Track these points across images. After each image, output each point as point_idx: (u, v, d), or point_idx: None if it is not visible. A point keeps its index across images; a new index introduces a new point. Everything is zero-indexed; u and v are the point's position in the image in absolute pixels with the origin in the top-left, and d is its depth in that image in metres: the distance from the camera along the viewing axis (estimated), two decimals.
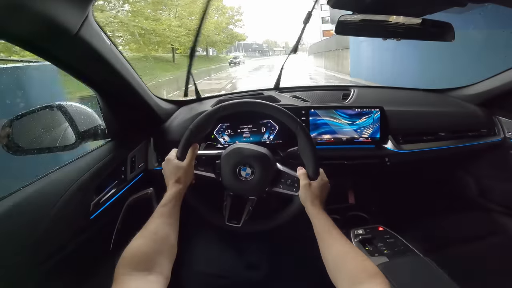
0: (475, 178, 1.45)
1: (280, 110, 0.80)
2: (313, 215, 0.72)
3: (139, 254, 0.54)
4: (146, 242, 0.56)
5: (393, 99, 1.40)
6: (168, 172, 0.76)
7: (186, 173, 0.74)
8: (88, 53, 0.68)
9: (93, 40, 0.66)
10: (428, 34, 0.79)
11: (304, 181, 0.76)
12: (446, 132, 1.25)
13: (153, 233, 0.59)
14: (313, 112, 1.16)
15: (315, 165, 0.79)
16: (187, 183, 0.74)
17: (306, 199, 0.75)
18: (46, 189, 0.74)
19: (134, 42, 14.55)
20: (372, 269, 0.56)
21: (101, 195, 0.90)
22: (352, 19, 0.76)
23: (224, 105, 0.81)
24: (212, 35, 23.07)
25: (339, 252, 0.62)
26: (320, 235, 0.68)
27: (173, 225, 0.64)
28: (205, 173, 0.82)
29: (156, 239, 0.58)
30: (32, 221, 0.66)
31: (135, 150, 1.08)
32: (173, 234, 0.62)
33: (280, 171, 0.83)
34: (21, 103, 1.37)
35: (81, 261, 0.87)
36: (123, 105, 0.98)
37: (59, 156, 0.98)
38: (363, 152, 1.19)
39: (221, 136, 1.15)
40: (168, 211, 0.66)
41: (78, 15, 0.58)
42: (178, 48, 17.70)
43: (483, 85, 1.38)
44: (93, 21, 0.65)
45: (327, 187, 0.78)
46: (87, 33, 0.63)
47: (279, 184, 0.82)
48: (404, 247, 0.99)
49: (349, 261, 0.59)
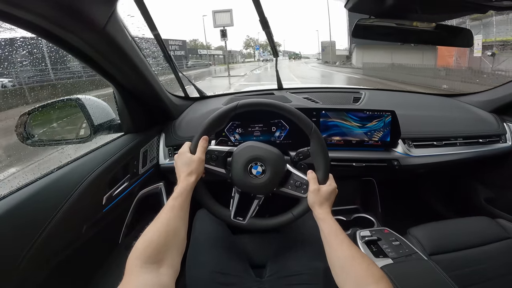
0: (483, 184, 1.44)
1: (295, 112, 0.81)
2: (321, 219, 0.72)
3: (151, 247, 0.54)
4: (158, 235, 0.57)
5: (404, 102, 1.39)
6: (181, 164, 0.75)
7: (198, 166, 0.74)
8: (112, 47, 0.70)
9: (118, 35, 0.68)
10: (445, 40, 0.79)
11: (314, 186, 0.77)
12: (456, 138, 1.24)
13: (165, 226, 0.59)
14: (324, 114, 1.17)
15: (326, 170, 0.79)
16: (198, 176, 0.74)
17: (314, 203, 0.75)
18: (61, 182, 0.75)
19: None
20: (378, 274, 0.57)
21: (113, 188, 0.91)
22: (369, 23, 0.76)
23: (242, 103, 0.81)
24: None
25: (346, 256, 0.62)
26: (327, 238, 0.68)
27: (183, 219, 0.65)
28: (216, 168, 0.83)
29: (168, 232, 0.58)
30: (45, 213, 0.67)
31: (147, 145, 1.09)
32: (183, 227, 0.63)
33: (290, 173, 0.83)
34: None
35: (92, 252, 0.88)
36: (138, 100, 1.00)
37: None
38: (372, 155, 1.19)
39: (232, 134, 1.16)
40: (179, 204, 0.66)
41: (105, 10, 0.59)
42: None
43: (495, 92, 1.37)
44: (118, 17, 0.66)
45: (335, 192, 0.79)
46: (112, 28, 0.64)
47: (288, 185, 0.83)
48: (409, 249, 0.99)
49: (356, 265, 0.59)
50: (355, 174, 1.17)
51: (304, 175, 0.82)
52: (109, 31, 0.64)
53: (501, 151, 1.27)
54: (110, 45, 0.69)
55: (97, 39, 0.65)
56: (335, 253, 0.64)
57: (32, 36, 0.70)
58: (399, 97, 1.51)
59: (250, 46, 76.26)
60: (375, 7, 0.73)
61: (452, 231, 1.09)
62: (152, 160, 1.14)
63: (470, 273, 0.94)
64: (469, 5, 0.64)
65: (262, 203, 0.84)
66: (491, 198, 1.41)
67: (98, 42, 0.67)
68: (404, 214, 1.46)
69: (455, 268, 0.92)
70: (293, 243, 0.95)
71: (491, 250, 1.01)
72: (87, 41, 0.65)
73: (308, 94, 1.37)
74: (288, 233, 1.00)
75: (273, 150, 0.83)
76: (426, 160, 1.21)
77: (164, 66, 1.25)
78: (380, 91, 1.52)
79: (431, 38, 0.77)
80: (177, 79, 1.29)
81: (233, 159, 0.82)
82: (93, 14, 0.57)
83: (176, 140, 1.18)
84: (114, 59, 0.77)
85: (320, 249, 0.93)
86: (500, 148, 1.27)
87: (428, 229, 1.10)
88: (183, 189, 0.69)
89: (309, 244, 0.94)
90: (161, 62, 1.26)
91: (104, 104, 1.01)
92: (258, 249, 1.02)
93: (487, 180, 1.43)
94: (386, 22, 0.76)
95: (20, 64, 2.08)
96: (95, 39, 0.65)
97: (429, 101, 1.47)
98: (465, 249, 1.00)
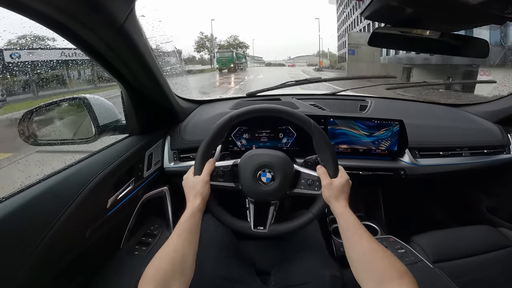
0: (486, 194, 1.45)
1: (291, 112, 0.80)
2: (339, 213, 0.71)
3: (160, 273, 0.56)
4: (166, 262, 0.59)
5: (411, 112, 1.40)
6: (187, 188, 0.76)
7: (203, 188, 0.74)
8: (127, 46, 0.69)
9: (134, 34, 0.66)
10: (462, 51, 0.79)
11: (326, 181, 0.76)
12: (462, 148, 1.25)
13: (172, 252, 0.61)
14: (332, 121, 1.16)
15: (334, 163, 0.78)
16: (205, 197, 0.74)
17: (330, 198, 0.74)
18: (66, 184, 0.73)
19: None
20: (401, 268, 0.56)
21: (118, 192, 0.89)
22: (386, 32, 0.76)
23: (236, 113, 0.80)
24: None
25: (367, 251, 0.61)
26: (345, 233, 0.67)
27: (192, 243, 0.65)
28: (224, 184, 0.81)
29: (175, 258, 0.60)
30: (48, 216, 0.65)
31: (152, 147, 1.07)
32: (190, 252, 0.63)
33: (300, 172, 0.82)
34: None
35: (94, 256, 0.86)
36: (147, 102, 0.98)
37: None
38: (379, 164, 1.18)
39: (238, 139, 1.15)
40: (187, 228, 0.66)
41: (124, 8, 0.58)
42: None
43: (499, 103, 1.39)
44: (136, 16, 0.65)
45: (348, 184, 0.77)
46: (130, 27, 0.63)
47: (300, 185, 0.81)
48: (414, 257, 0.99)
49: (378, 260, 0.58)
50: (362, 182, 1.16)
51: (313, 172, 0.81)
52: (126, 29, 0.62)
53: (505, 162, 1.28)
54: (126, 44, 0.68)
55: (114, 36, 0.64)
56: (354, 247, 0.63)
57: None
58: (405, 106, 1.52)
59: (204, 48, 47.02)
60: (393, 15, 0.73)
61: (455, 239, 1.10)
62: (156, 164, 1.11)
63: (473, 280, 0.94)
64: (489, 16, 0.64)
65: (278, 208, 0.83)
66: (494, 207, 1.42)
67: (114, 39, 0.65)
68: (407, 222, 1.46)
69: (458, 275, 0.93)
70: (298, 250, 0.93)
71: (494, 258, 1.02)
72: (103, 38, 0.63)
73: (315, 101, 1.37)
74: (292, 239, 0.99)
75: (278, 154, 0.82)
76: (432, 169, 1.21)
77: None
78: (386, 100, 1.52)
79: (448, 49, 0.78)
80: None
81: (239, 171, 0.81)
82: (112, 11, 0.55)
83: (181, 143, 1.16)
84: (128, 58, 0.75)
85: (325, 256, 0.92)
86: (504, 159, 1.27)
87: (431, 237, 1.10)
88: (190, 212, 0.70)
89: (314, 251, 0.92)
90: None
91: (110, 104, 0.99)
92: (262, 255, 1.01)
93: (490, 190, 1.43)
94: (403, 31, 0.76)
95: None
96: (111, 36, 0.63)
97: (435, 110, 1.47)
98: (468, 257, 1.01)
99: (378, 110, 1.33)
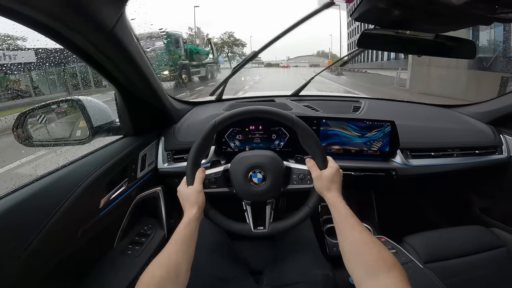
0: (478, 194, 1.46)
1: (272, 110, 0.81)
2: (331, 204, 0.71)
3: (154, 281, 0.57)
4: (160, 270, 0.59)
5: (403, 113, 1.41)
6: (182, 199, 0.77)
7: (196, 198, 0.75)
8: (118, 50, 0.69)
9: (124, 38, 0.67)
10: (450, 51, 0.80)
11: (316, 173, 0.77)
12: (454, 149, 1.26)
13: (167, 259, 0.62)
14: (324, 122, 1.17)
15: (322, 154, 0.79)
16: (201, 207, 0.75)
17: (321, 189, 0.75)
18: (59, 184, 0.73)
19: None
20: (390, 260, 0.55)
21: (111, 192, 0.89)
22: (375, 33, 0.77)
23: (219, 119, 0.81)
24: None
25: (357, 241, 0.61)
26: (337, 224, 0.67)
27: (186, 252, 0.65)
28: (218, 190, 0.82)
29: (169, 266, 0.60)
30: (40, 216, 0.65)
31: (146, 148, 1.08)
32: (185, 261, 0.64)
33: (290, 168, 0.83)
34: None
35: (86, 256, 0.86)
36: (140, 103, 0.99)
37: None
38: (371, 165, 1.19)
39: (232, 140, 1.15)
40: (182, 237, 0.67)
41: (114, 12, 0.59)
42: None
43: (491, 103, 1.40)
44: (126, 20, 0.66)
45: (339, 173, 0.78)
46: (120, 31, 0.64)
47: (292, 181, 0.83)
48: (405, 257, 1.00)
49: (367, 251, 0.58)
50: (354, 183, 1.17)
51: (303, 165, 0.82)
52: (116, 33, 0.63)
53: (497, 162, 1.28)
54: (117, 48, 0.68)
55: (104, 41, 0.64)
56: (345, 238, 0.63)
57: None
58: (398, 107, 1.53)
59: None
60: (381, 17, 0.74)
61: (447, 240, 1.11)
62: (150, 164, 1.12)
63: (465, 280, 0.95)
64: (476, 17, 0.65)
65: (275, 206, 0.84)
66: (486, 208, 1.43)
67: (104, 44, 0.66)
68: (400, 223, 1.47)
69: (450, 275, 0.93)
70: (291, 250, 0.94)
71: (486, 258, 1.02)
72: (94, 42, 0.64)
73: (309, 102, 1.38)
74: (284, 239, 1.00)
75: (266, 153, 0.83)
76: (423, 170, 1.22)
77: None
78: (379, 101, 1.54)
79: (435, 48, 0.79)
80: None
81: (231, 175, 0.82)
82: (102, 16, 0.56)
83: (175, 144, 1.17)
84: (119, 62, 0.76)
85: (318, 256, 0.93)
86: (496, 159, 1.28)
87: (423, 238, 1.11)
88: (187, 221, 0.70)
89: (306, 250, 0.93)
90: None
91: (104, 106, 1.00)
92: (256, 255, 1.01)
93: (483, 190, 1.44)
94: (391, 32, 0.77)
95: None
96: (102, 41, 0.64)
97: (427, 111, 1.49)
98: (460, 257, 1.02)
99: (371, 111, 1.34)
